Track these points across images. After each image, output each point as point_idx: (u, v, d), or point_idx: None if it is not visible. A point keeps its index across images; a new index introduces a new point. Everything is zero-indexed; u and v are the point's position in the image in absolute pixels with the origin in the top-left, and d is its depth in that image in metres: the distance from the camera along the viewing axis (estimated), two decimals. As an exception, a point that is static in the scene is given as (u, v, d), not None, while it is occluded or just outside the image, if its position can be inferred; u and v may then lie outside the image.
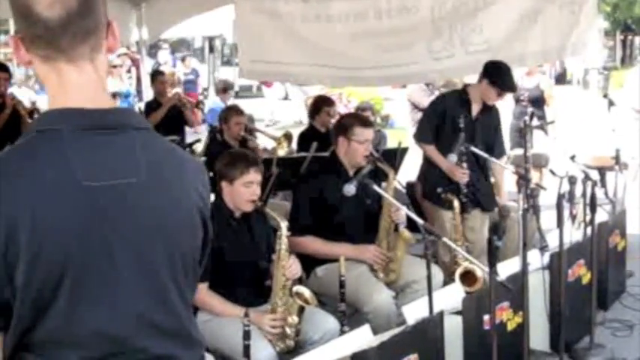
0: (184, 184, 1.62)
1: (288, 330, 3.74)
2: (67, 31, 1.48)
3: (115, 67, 11.79)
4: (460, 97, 5.48)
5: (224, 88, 11.35)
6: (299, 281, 4.07)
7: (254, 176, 3.89)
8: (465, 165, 5.27)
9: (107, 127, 1.51)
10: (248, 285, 3.90)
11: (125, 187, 1.50)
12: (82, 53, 1.52)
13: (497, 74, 5.25)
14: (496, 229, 3.11)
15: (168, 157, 1.61)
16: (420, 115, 8.94)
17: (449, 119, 5.35)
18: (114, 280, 1.49)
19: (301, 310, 3.75)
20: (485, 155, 5.13)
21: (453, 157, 5.12)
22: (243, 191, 3.87)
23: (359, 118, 5.02)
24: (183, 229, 1.60)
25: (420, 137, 5.64)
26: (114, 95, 7.51)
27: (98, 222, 1.46)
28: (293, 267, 3.84)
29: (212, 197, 4.84)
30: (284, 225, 3.82)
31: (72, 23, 1.48)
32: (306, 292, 3.82)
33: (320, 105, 7.21)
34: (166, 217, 1.56)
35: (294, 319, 3.74)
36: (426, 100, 8.84)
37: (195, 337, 1.67)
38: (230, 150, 4.83)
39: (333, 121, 7.08)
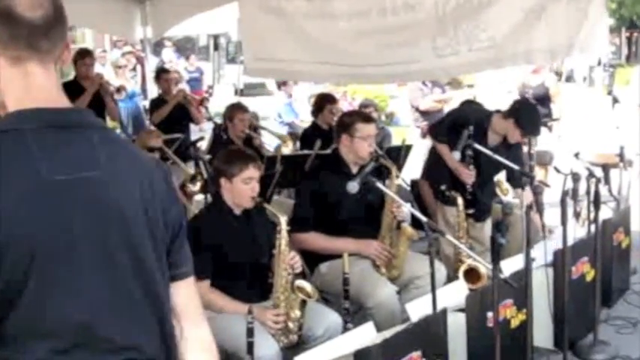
0: (140, 177, 1.68)
1: (290, 324, 3.76)
2: (49, 33, 1.58)
3: (120, 67, 11.80)
4: (481, 120, 5.41)
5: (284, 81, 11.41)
6: (302, 277, 4.09)
7: (253, 172, 3.90)
8: (471, 167, 5.27)
9: (67, 126, 1.59)
10: (249, 281, 3.92)
11: (86, 180, 1.57)
12: (52, 57, 1.62)
13: (525, 118, 5.25)
14: (499, 227, 3.11)
15: (124, 153, 1.68)
16: (417, 115, 8.99)
17: (467, 129, 5.33)
18: (78, 270, 1.55)
19: (303, 304, 3.77)
20: (489, 153, 5.12)
21: (457, 155, 5.13)
22: (243, 188, 3.88)
23: (360, 114, 5.04)
24: (140, 220, 1.65)
25: (436, 135, 5.66)
26: (118, 90, 7.50)
27: (62, 215, 1.53)
28: (294, 262, 3.85)
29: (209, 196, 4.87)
30: (283, 220, 3.84)
31: (52, 26, 1.58)
32: (307, 286, 3.84)
33: (323, 103, 7.23)
34: (124, 209, 1.62)
35: (296, 313, 3.76)
36: (421, 101, 8.86)
37: (158, 326, 1.70)
38: (228, 147, 4.85)
39: (336, 118, 7.09)
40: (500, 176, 5.55)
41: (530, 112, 5.36)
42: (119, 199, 1.61)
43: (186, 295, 1.82)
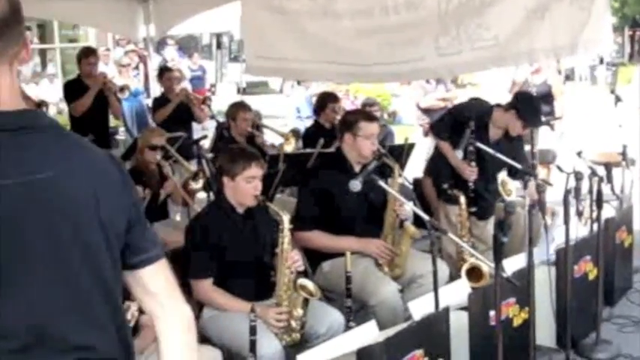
0: (94, 174, 1.68)
1: (293, 323, 3.77)
2: (3, 34, 1.57)
3: (123, 66, 11.76)
4: (483, 117, 5.42)
5: None
6: (305, 275, 4.09)
7: (256, 171, 3.91)
8: (473, 164, 5.27)
9: (19, 128, 1.58)
10: (252, 280, 3.92)
11: (38, 182, 1.57)
12: (7, 57, 1.60)
13: (526, 108, 5.26)
14: (501, 225, 3.11)
15: (77, 151, 1.68)
16: (420, 113, 9.00)
17: (469, 126, 5.33)
18: (29, 271, 1.57)
19: (306, 303, 3.77)
20: (491, 151, 5.13)
21: (459, 153, 5.12)
22: (245, 186, 3.89)
23: (363, 113, 5.05)
24: (94, 218, 1.66)
25: (437, 132, 5.66)
26: (122, 89, 7.50)
27: (11, 218, 1.53)
28: (296, 260, 3.86)
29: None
30: (286, 219, 3.84)
31: (6, 27, 1.57)
32: (309, 284, 3.84)
33: (325, 101, 7.25)
34: (77, 209, 1.63)
35: (299, 311, 3.76)
36: (422, 99, 8.86)
37: (113, 324, 1.72)
38: (231, 146, 4.85)
39: (339, 117, 7.11)
40: (505, 177, 5.54)
41: (531, 103, 5.37)
42: (72, 199, 1.62)
43: (161, 277, 1.83)
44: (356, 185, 4.14)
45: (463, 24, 6.51)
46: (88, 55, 7.33)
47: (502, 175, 5.41)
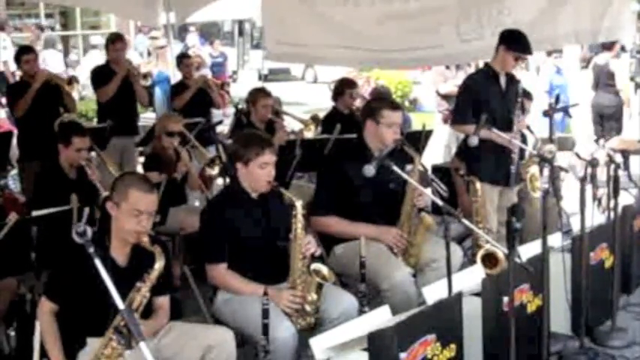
0: None
1: (307, 307, 3.78)
2: None
3: (162, 47, 11.54)
4: (486, 72, 5.47)
5: None
6: (320, 260, 4.10)
7: (269, 157, 3.92)
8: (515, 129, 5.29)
9: None
10: (266, 264, 3.94)
11: None
12: None
13: (513, 39, 5.29)
14: (515, 211, 3.10)
15: None
16: (439, 99, 8.94)
17: (483, 96, 5.32)
18: None
19: (320, 288, 3.79)
20: (507, 137, 5.11)
21: (475, 139, 5.07)
22: (259, 172, 3.90)
23: (387, 101, 4.99)
24: None
25: (458, 120, 5.56)
26: (145, 76, 7.49)
27: None
28: (309, 245, 3.88)
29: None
30: (299, 204, 3.86)
31: None
32: (323, 269, 3.86)
33: (343, 87, 7.24)
34: None
35: (313, 296, 3.78)
36: (442, 85, 8.81)
37: None
38: (244, 131, 4.85)
39: (356, 103, 7.11)
40: (536, 172, 5.48)
41: (517, 33, 5.38)
42: None
43: None
44: (369, 170, 4.13)
45: (484, 10, 6.51)
46: (114, 41, 7.30)
47: (533, 170, 5.37)
